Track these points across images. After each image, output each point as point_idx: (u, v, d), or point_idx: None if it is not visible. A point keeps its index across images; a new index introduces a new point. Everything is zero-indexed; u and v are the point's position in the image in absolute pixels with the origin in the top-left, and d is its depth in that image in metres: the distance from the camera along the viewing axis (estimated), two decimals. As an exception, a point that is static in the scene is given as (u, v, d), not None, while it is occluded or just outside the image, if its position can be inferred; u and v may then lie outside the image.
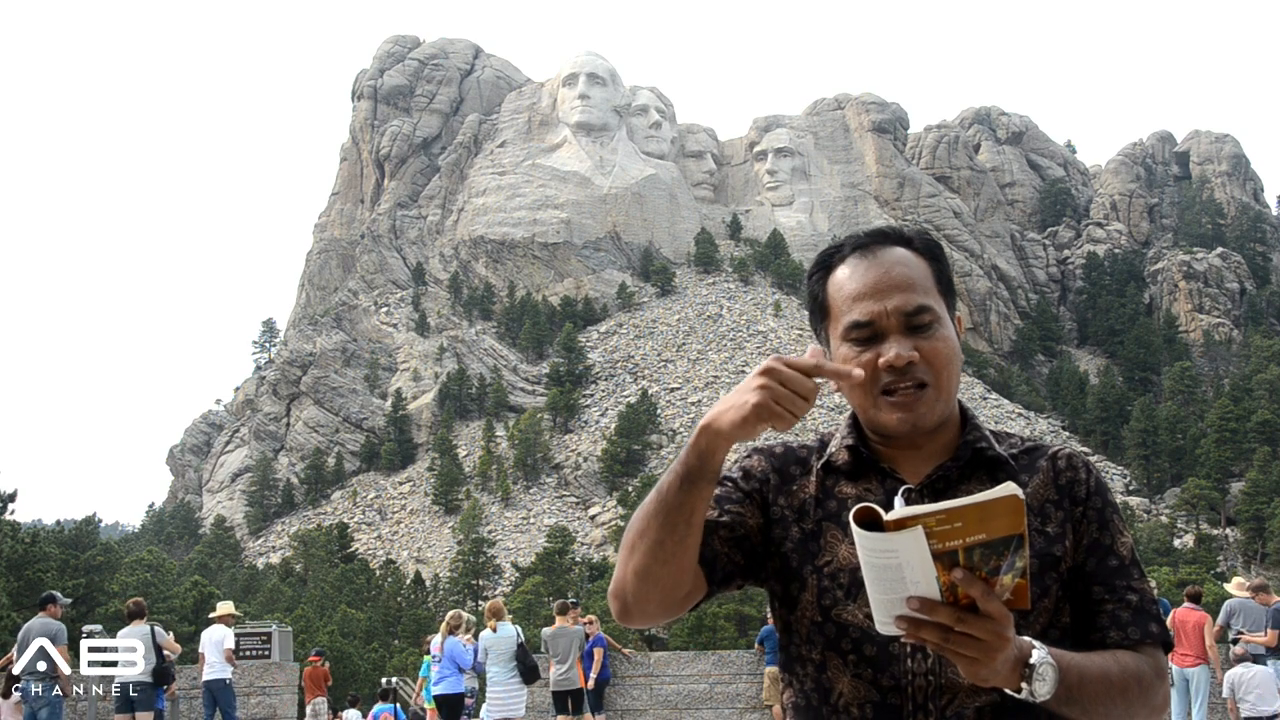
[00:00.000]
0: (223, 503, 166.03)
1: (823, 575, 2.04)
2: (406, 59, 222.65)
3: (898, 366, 2.00)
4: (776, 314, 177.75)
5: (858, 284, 2.05)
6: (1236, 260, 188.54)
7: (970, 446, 2.07)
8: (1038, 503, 2.05)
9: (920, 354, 2.00)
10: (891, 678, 1.96)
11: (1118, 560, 2.05)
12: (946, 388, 2.04)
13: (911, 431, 2.04)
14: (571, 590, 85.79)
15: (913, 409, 2.01)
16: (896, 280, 2.04)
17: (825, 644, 2.04)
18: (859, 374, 1.90)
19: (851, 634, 2.00)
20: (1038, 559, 1.99)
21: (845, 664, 2.01)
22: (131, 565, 75.05)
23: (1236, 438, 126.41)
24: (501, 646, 15.42)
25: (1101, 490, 2.09)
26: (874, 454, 2.11)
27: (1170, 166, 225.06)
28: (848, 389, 2.07)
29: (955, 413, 2.12)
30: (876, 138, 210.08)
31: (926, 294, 2.05)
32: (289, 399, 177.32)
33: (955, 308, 2.14)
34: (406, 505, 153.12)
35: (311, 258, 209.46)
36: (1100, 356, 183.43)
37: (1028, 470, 2.09)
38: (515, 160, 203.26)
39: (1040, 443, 2.16)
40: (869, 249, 2.10)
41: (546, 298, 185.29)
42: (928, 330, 2.02)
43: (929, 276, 2.08)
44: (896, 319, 2.01)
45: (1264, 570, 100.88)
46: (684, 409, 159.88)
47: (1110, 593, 2.03)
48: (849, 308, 2.05)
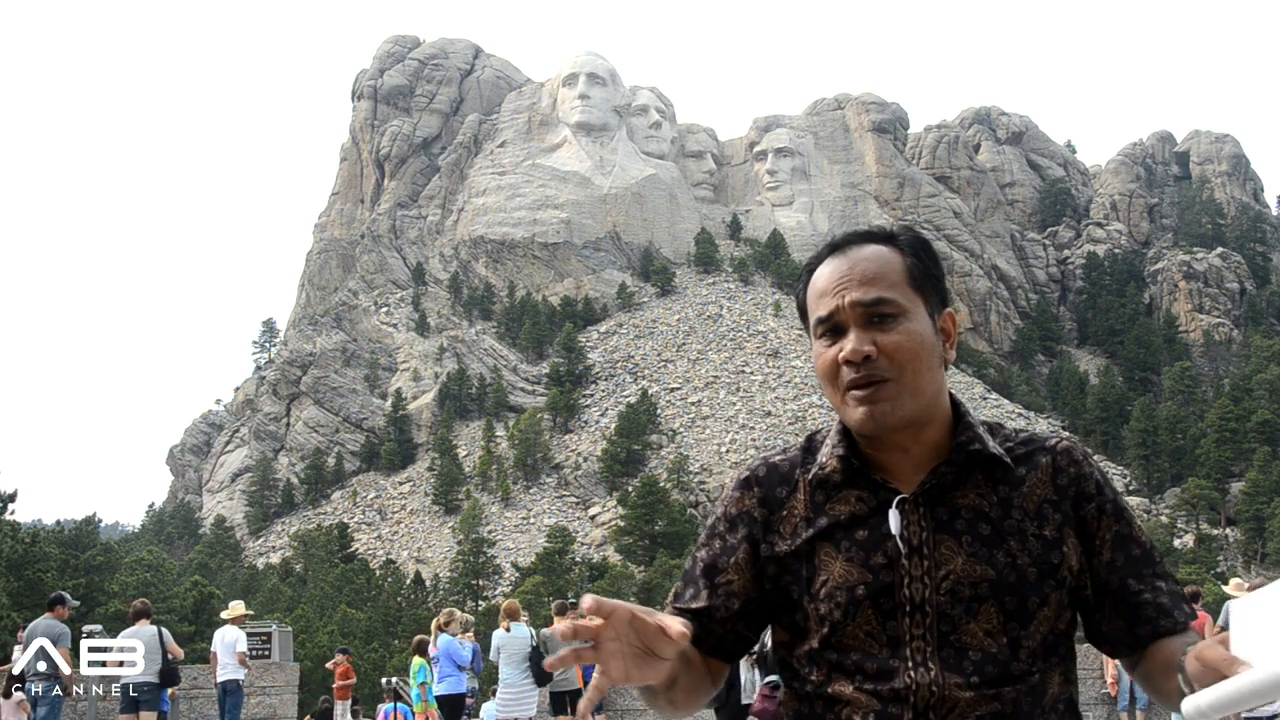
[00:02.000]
0: (223, 503, 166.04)
1: (818, 600, 2.00)
2: (406, 59, 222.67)
3: (853, 360, 1.97)
4: (776, 314, 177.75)
5: (824, 281, 2.06)
6: (1236, 260, 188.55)
7: (964, 450, 2.02)
8: (1034, 504, 2.01)
9: (880, 348, 1.97)
10: (893, 689, 1.94)
11: (1140, 549, 2.04)
12: (912, 383, 1.98)
13: (876, 429, 1.99)
14: (571, 590, 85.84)
15: (875, 403, 1.97)
16: (858, 275, 2.02)
17: (830, 665, 2.01)
18: (595, 623, 1.73)
19: (853, 656, 1.98)
20: (1036, 568, 1.96)
21: (850, 680, 1.98)
22: (131, 565, 75.06)
23: (1236, 438, 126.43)
24: (515, 647, 15.37)
25: (1107, 480, 2.07)
26: (864, 462, 2.05)
27: (1170, 166, 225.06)
28: (824, 387, 2.07)
29: (944, 411, 2.06)
30: (876, 138, 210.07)
31: (891, 287, 2.01)
32: (289, 399, 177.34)
33: (943, 305, 2.09)
34: (406, 505, 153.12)
35: (311, 258, 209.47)
36: (1100, 356, 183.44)
37: (1025, 465, 2.05)
38: (515, 160, 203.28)
39: (1036, 435, 2.12)
40: (842, 249, 2.10)
41: (546, 298, 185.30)
42: (888, 322, 1.99)
43: (900, 270, 2.04)
44: (855, 311, 2.00)
45: (1264, 570, 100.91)
46: (684, 409, 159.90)
47: (1142, 582, 2.01)
48: (816, 305, 2.07)
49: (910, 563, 1.95)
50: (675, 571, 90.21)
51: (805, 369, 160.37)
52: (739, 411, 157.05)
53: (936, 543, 1.95)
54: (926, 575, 1.94)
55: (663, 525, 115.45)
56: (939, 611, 1.92)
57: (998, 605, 1.92)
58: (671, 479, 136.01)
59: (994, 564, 1.93)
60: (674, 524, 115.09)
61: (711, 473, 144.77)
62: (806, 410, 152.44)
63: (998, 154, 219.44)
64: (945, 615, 1.92)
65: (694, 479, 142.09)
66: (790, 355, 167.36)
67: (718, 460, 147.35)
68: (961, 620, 1.92)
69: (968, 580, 1.93)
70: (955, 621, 1.92)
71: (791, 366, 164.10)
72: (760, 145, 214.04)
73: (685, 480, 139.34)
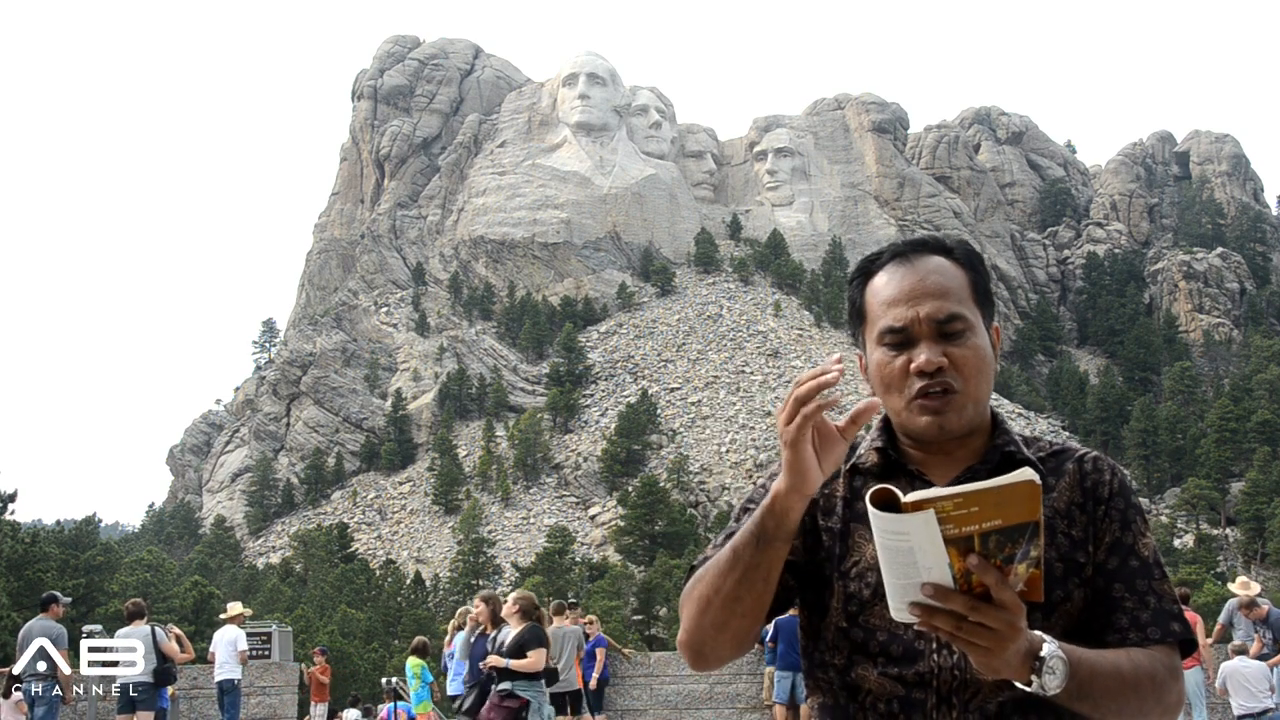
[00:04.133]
0: (223, 503, 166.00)
1: (849, 579, 2.07)
2: (406, 59, 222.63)
3: (927, 371, 2.04)
4: (776, 314, 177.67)
5: (893, 290, 2.10)
6: (1236, 260, 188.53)
7: (999, 450, 2.10)
8: (1064, 505, 2.08)
9: (950, 360, 2.04)
10: (916, 672, 1.99)
11: (1139, 561, 2.06)
12: (975, 394, 2.07)
13: (940, 435, 2.07)
14: (571, 590, 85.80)
15: (941, 413, 2.04)
16: (930, 288, 2.08)
17: (852, 648, 2.06)
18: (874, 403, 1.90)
19: (878, 636, 2.03)
20: (1062, 563, 2.03)
21: (873, 663, 2.03)
22: (131, 565, 75.10)
23: (1236, 438, 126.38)
24: None
25: (1125, 491, 2.11)
26: (902, 456, 2.14)
27: (1170, 166, 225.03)
28: (881, 392, 2.11)
29: (986, 419, 2.15)
30: (876, 138, 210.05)
31: (960, 303, 2.09)
32: (289, 399, 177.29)
33: (993, 318, 2.18)
34: (406, 505, 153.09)
35: (311, 258, 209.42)
36: (1100, 356, 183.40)
37: (1054, 473, 2.11)
38: (515, 160, 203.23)
39: (1068, 446, 2.19)
40: (907, 256, 2.14)
41: (546, 298, 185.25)
42: (959, 338, 2.06)
43: (965, 286, 2.12)
44: (928, 325, 2.06)
45: (1264, 570, 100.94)
46: (684, 409, 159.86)
47: (1130, 592, 2.04)
48: (884, 313, 2.10)
49: None
50: (675, 572, 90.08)
51: (805, 369, 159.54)
52: (739, 411, 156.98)
53: None
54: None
55: (663, 525, 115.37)
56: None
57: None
58: (671, 479, 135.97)
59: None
60: (674, 524, 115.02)
61: (711, 473, 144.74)
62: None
63: (998, 154, 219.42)
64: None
65: (694, 479, 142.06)
66: (790, 355, 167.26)
67: (718, 460, 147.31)
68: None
69: None
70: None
71: (791, 366, 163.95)
72: (760, 145, 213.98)
73: (685, 480, 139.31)
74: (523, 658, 10.64)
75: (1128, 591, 2.04)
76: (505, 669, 10.66)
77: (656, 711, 18.91)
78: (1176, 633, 2.02)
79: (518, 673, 10.68)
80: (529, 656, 10.62)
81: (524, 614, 10.93)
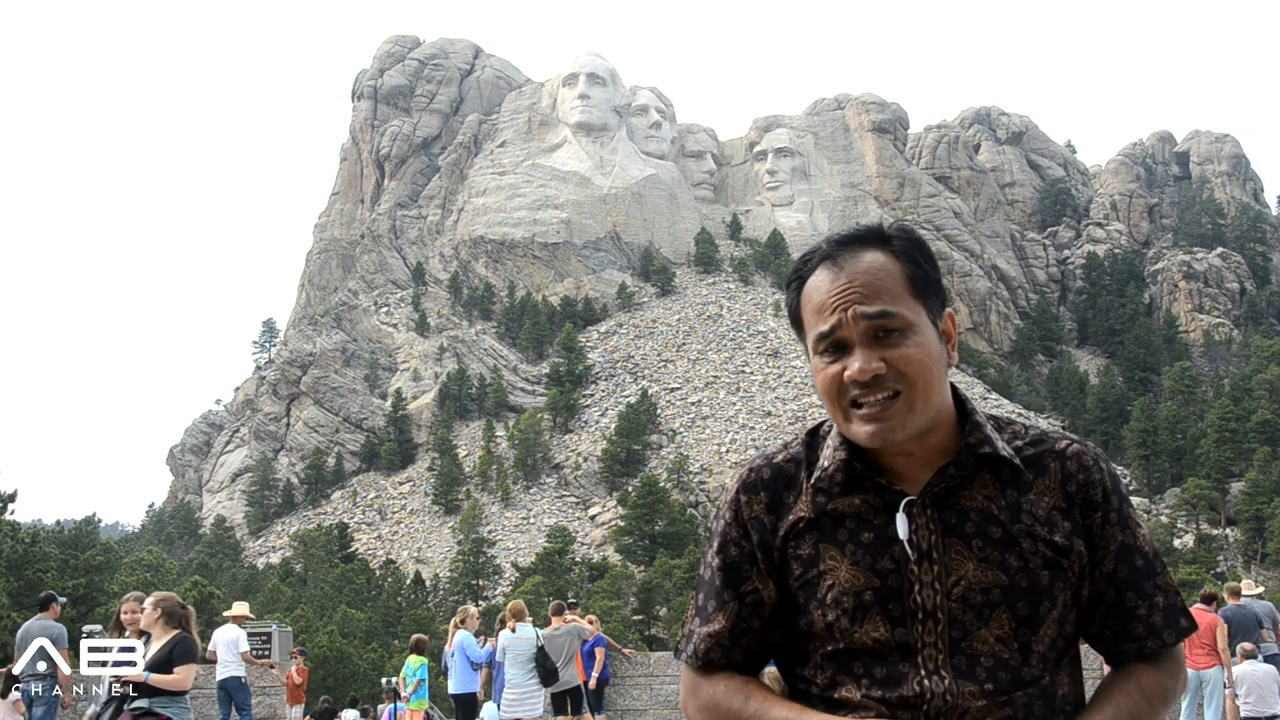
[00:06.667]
0: (223, 503, 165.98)
1: (826, 606, 1.96)
2: (406, 59, 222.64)
3: (861, 381, 1.91)
4: (776, 314, 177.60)
5: (822, 294, 1.98)
6: (1236, 260, 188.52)
7: (972, 452, 1.97)
8: (1044, 510, 1.97)
9: (889, 363, 1.91)
10: (902, 696, 1.91)
11: (1143, 558, 2.02)
12: (923, 396, 1.93)
13: (884, 445, 1.94)
14: (571, 590, 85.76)
15: (883, 420, 1.91)
16: (860, 288, 1.95)
17: (836, 669, 1.97)
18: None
19: (863, 658, 1.95)
20: (1047, 569, 1.94)
21: (858, 685, 1.95)
22: (131, 565, 75.12)
23: (1236, 438, 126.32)
24: (520, 647, 15.36)
25: (1116, 487, 2.03)
26: (868, 465, 2.00)
27: (1170, 166, 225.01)
28: (828, 405, 1.99)
29: (949, 411, 2.01)
30: (876, 138, 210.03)
31: (895, 300, 1.95)
32: (289, 399, 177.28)
33: (944, 307, 2.04)
34: (406, 505, 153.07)
35: (311, 258, 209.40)
36: (1100, 356, 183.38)
37: (1034, 469, 2.01)
38: (515, 160, 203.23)
39: (1046, 435, 2.07)
40: (836, 257, 2.01)
41: (546, 298, 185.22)
42: (894, 337, 1.93)
43: (900, 280, 1.98)
44: (860, 328, 1.93)
45: (1264, 570, 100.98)
46: (684, 409, 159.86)
47: (1142, 598, 1.99)
48: (815, 320, 1.99)
49: (920, 568, 1.91)
50: (675, 571, 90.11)
51: (805, 369, 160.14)
52: (739, 411, 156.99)
53: (946, 547, 1.92)
54: (937, 581, 1.90)
55: (663, 525, 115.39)
56: (951, 618, 1.89)
57: (1010, 611, 1.90)
58: (671, 479, 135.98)
59: (1006, 569, 1.91)
60: (674, 524, 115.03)
61: (711, 473, 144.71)
62: (806, 410, 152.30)
63: (998, 154, 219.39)
64: (957, 622, 1.89)
65: (694, 479, 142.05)
66: (790, 355, 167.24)
67: (718, 460, 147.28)
68: (973, 627, 1.89)
69: (980, 586, 1.90)
70: (967, 628, 1.89)
71: (791, 366, 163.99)
72: (760, 145, 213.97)
73: (685, 480, 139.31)
74: (169, 672, 8.98)
75: (1140, 599, 1.99)
76: (144, 684, 8.89)
77: (656, 711, 18.90)
78: (1184, 628, 2.00)
79: (159, 689, 8.95)
80: (176, 672, 8.99)
81: (169, 619, 9.14)
